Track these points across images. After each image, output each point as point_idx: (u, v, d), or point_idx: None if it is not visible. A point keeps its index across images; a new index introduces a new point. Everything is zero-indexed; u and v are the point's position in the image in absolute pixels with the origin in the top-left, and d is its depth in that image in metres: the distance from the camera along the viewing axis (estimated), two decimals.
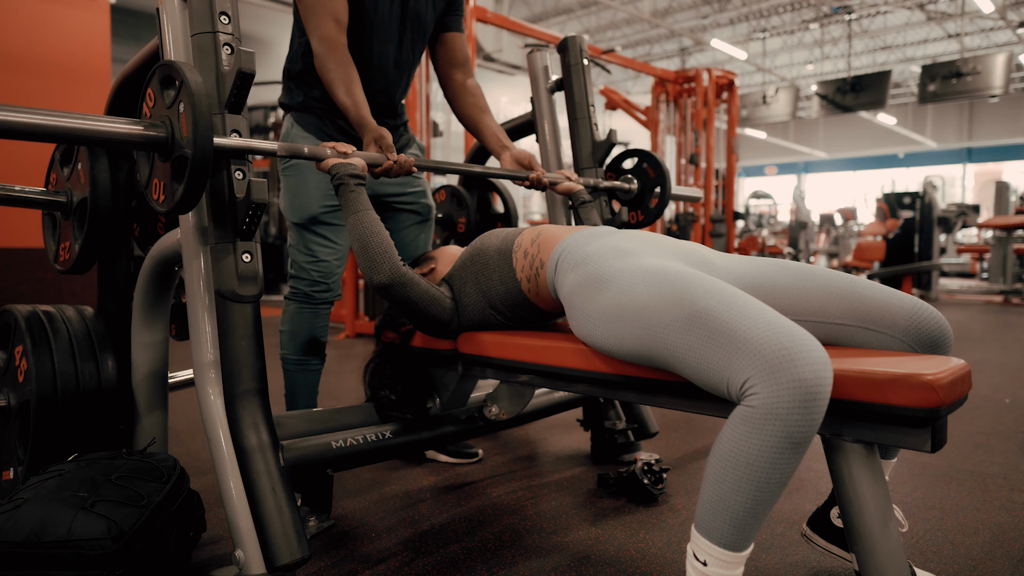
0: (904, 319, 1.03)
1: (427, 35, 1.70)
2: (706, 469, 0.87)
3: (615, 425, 1.96)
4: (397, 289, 1.24)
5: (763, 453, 0.80)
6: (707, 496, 0.86)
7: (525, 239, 1.29)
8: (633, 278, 1.00)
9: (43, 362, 1.35)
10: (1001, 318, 5.68)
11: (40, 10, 3.55)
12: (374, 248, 1.22)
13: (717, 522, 0.85)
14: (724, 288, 0.92)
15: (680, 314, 0.91)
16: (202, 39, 1.14)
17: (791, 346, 0.79)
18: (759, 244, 7.97)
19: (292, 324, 1.67)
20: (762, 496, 0.82)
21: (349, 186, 1.26)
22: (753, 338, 0.82)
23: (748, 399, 0.81)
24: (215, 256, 1.15)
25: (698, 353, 0.88)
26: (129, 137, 1.03)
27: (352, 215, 1.25)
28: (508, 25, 5.27)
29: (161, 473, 1.21)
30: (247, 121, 1.16)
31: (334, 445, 1.36)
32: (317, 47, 1.47)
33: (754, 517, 0.83)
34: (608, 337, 1.02)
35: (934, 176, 12.60)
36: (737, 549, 0.85)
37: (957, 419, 2.41)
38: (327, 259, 1.65)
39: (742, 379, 0.82)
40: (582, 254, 1.13)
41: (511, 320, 1.32)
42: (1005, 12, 12.41)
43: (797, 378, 0.78)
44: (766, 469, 0.80)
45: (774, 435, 0.79)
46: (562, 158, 2.07)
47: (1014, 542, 1.45)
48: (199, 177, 1.02)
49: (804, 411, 0.78)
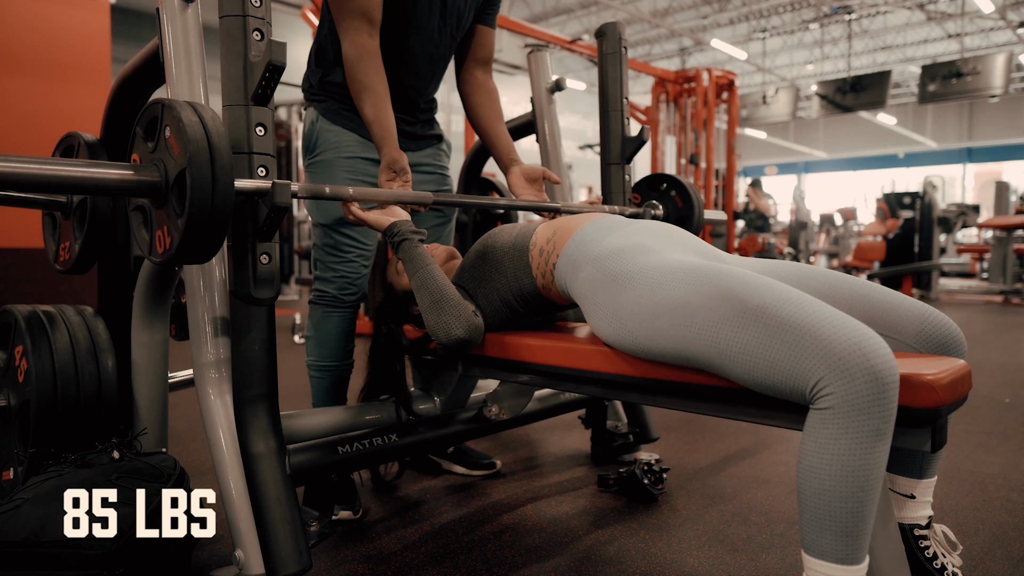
0: (915, 325, 1.02)
1: (463, 31, 1.64)
2: (799, 487, 0.82)
3: (616, 427, 1.96)
4: (474, 339, 1.22)
5: (855, 451, 0.77)
6: (810, 514, 0.81)
7: (541, 236, 1.25)
8: (664, 274, 0.97)
9: (43, 362, 1.35)
10: (1001, 318, 5.68)
11: (40, 10, 3.55)
12: (449, 304, 1.20)
13: (828, 537, 0.80)
14: (773, 283, 0.89)
15: (731, 311, 0.87)
16: (230, 22, 1.08)
17: (861, 340, 0.78)
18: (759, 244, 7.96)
19: (320, 329, 1.60)
20: (866, 496, 0.79)
21: (412, 241, 1.25)
22: (821, 334, 0.79)
23: (823, 399, 0.79)
24: (232, 256, 1.13)
25: (754, 352, 0.85)
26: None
27: (420, 270, 1.23)
28: (508, 25, 5.27)
29: (161, 473, 1.21)
30: (272, 113, 1.11)
31: (340, 451, 1.35)
32: (348, 51, 1.41)
33: (864, 521, 0.80)
34: (637, 336, 0.98)
35: (934, 176, 12.58)
36: (855, 562, 0.80)
37: (957, 419, 2.41)
38: (356, 260, 1.58)
39: (813, 379, 0.79)
40: (598, 249, 1.10)
41: (527, 315, 1.31)
42: (1005, 12, 12.41)
43: (872, 370, 0.76)
44: (863, 466, 0.78)
45: (861, 430, 0.77)
46: (562, 159, 2.07)
47: (1014, 542, 1.45)
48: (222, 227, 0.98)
49: (884, 402, 0.77)
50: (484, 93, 1.70)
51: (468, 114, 1.72)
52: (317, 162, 1.57)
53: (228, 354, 1.19)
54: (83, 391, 1.38)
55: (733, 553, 1.41)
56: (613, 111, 1.82)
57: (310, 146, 1.58)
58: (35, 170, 0.91)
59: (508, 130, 2.05)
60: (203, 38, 1.24)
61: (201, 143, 0.95)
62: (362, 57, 1.40)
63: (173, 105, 0.98)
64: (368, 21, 1.41)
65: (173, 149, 0.97)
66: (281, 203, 1.07)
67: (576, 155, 13.55)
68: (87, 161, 0.97)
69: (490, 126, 1.69)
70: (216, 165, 0.95)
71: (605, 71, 1.82)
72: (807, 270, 1.13)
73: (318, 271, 1.60)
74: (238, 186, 1.03)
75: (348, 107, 1.56)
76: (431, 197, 1.34)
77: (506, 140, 1.68)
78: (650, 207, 1.84)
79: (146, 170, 1.00)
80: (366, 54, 1.40)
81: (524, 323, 1.35)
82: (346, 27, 1.41)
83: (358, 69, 1.40)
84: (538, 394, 1.73)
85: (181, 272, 1.39)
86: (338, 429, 1.41)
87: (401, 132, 1.63)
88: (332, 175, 1.55)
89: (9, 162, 0.90)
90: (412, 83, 1.60)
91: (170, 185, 0.98)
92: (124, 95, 1.52)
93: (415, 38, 1.53)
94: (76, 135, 1.50)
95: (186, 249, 0.98)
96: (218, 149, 0.96)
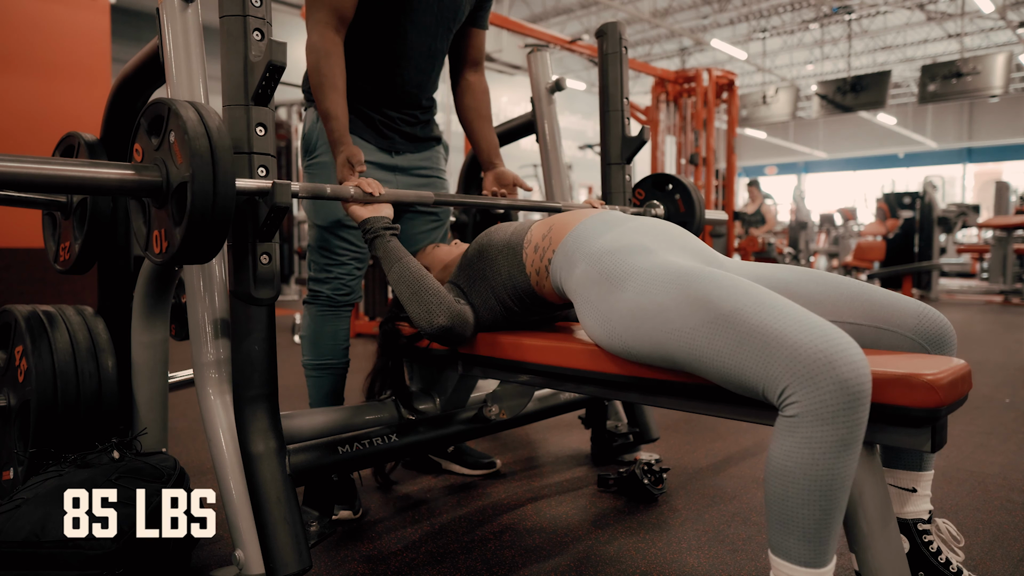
0: (913, 320, 1.03)
1: (460, 23, 1.64)
2: (765, 488, 0.83)
3: (616, 427, 1.96)
4: (458, 327, 1.22)
5: (818, 460, 0.77)
6: (774, 516, 0.81)
7: (536, 233, 1.25)
8: (650, 277, 0.97)
9: (43, 362, 1.35)
10: (1001, 318, 5.68)
11: (40, 10, 3.55)
12: (427, 293, 1.20)
13: (791, 540, 0.80)
14: (750, 287, 0.88)
15: (705, 317, 0.88)
16: (230, 22, 1.08)
17: (828, 348, 0.77)
18: (759, 244, 7.95)
19: (314, 329, 1.61)
20: (829, 504, 0.78)
21: (384, 237, 1.24)
22: (788, 341, 0.79)
23: (789, 407, 0.79)
24: (232, 256, 1.13)
25: (726, 358, 0.85)
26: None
27: (395, 263, 1.23)
28: (508, 25, 5.27)
29: (161, 473, 1.21)
30: (272, 113, 1.12)
31: (339, 451, 1.35)
32: (315, 42, 1.42)
33: (827, 528, 0.79)
34: (624, 338, 0.99)
35: (934, 176, 12.59)
36: (818, 565, 0.80)
37: (957, 419, 2.41)
38: (350, 262, 1.59)
39: (780, 387, 0.79)
40: (595, 246, 1.10)
41: (522, 314, 1.30)
42: (1005, 12, 12.41)
43: (838, 380, 0.75)
44: (825, 476, 0.77)
45: (824, 440, 0.76)
46: (562, 159, 2.07)
47: (1014, 542, 1.45)
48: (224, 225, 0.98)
49: (849, 412, 0.76)
50: (473, 94, 1.72)
51: (458, 115, 1.75)
52: (316, 163, 1.58)
53: (228, 354, 1.19)
54: (83, 391, 1.38)
55: (733, 553, 1.41)
56: (613, 111, 1.82)
57: (309, 147, 1.59)
58: (35, 170, 0.91)
59: (508, 130, 2.04)
60: (203, 38, 1.24)
61: (205, 156, 0.95)
62: (330, 52, 1.41)
63: (175, 104, 0.98)
64: (339, 18, 1.42)
65: (176, 156, 0.97)
66: (281, 203, 1.07)
67: (576, 155, 13.55)
68: (87, 161, 0.97)
69: (474, 124, 1.72)
70: (218, 169, 0.96)
71: (605, 71, 1.82)
72: (805, 273, 1.13)
73: (313, 272, 1.62)
74: (239, 186, 1.04)
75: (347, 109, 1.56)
76: (432, 197, 1.34)
77: (489, 141, 1.71)
78: (651, 206, 1.84)
79: (147, 170, 1.00)
80: (334, 49, 1.42)
81: (521, 323, 1.34)
82: (316, 19, 1.42)
83: (324, 63, 1.41)
84: (538, 394, 1.73)
85: (181, 272, 1.39)
86: (338, 429, 1.41)
87: (402, 133, 1.63)
88: (331, 176, 1.55)
89: (9, 162, 0.90)
90: (412, 76, 1.60)
91: (171, 185, 0.99)
92: (124, 95, 1.52)
93: (413, 32, 1.54)
94: (76, 135, 1.50)
95: (187, 249, 0.98)
96: (219, 148, 0.96)
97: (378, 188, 1.28)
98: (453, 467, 1.92)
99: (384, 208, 1.28)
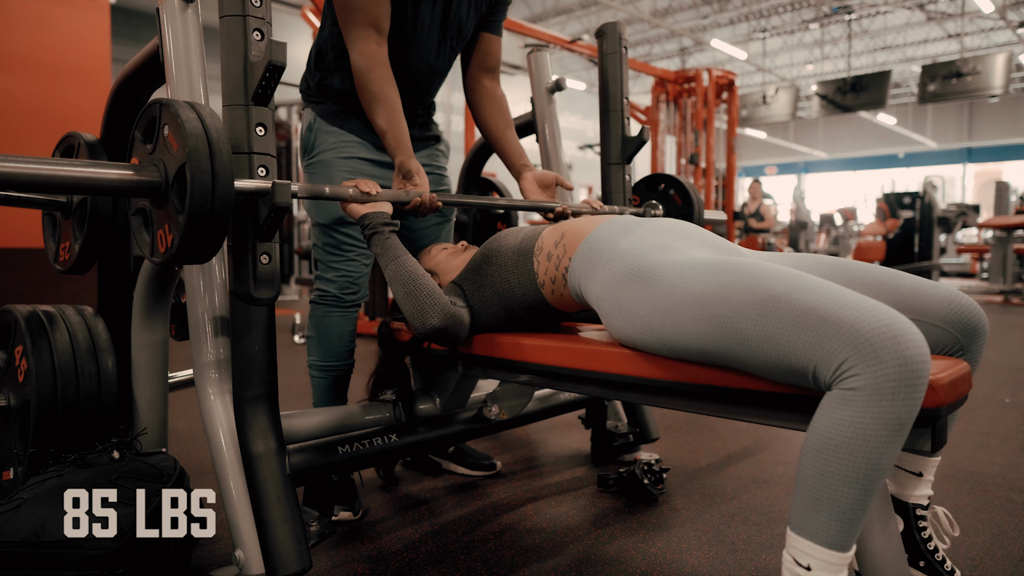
0: (943, 308, 1.01)
1: (465, 41, 1.63)
2: (801, 464, 0.80)
3: (616, 427, 1.96)
4: (452, 329, 1.21)
5: (870, 437, 0.74)
6: (807, 492, 0.79)
7: (548, 240, 1.23)
8: (684, 269, 0.96)
9: (43, 362, 1.35)
10: (1001, 318, 5.68)
11: (40, 10, 3.55)
12: (422, 293, 1.19)
13: (821, 519, 0.77)
14: (793, 272, 0.87)
15: (752, 299, 0.86)
16: (230, 22, 1.08)
17: (892, 324, 0.75)
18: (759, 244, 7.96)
19: (321, 329, 1.59)
20: (870, 485, 0.76)
21: (383, 234, 1.23)
22: (848, 318, 0.77)
23: (846, 381, 0.76)
24: (232, 256, 1.13)
25: (775, 338, 0.82)
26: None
27: (392, 262, 1.22)
28: (508, 25, 5.27)
29: (161, 473, 1.21)
30: (272, 113, 1.11)
31: (340, 451, 1.35)
32: (357, 61, 1.39)
33: (862, 511, 0.77)
34: (661, 332, 0.97)
35: (934, 176, 12.58)
36: (843, 549, 0.78)
37: (957, 419, 2.41)
38: (357, 258, 1.58)
39: (836, 361, 0.77)
40: (615, 249, 1.08)
41: (527, 321, 1.30)
42: (1005, 12, 12.41)
43: (903, 356, 0.73)
44: (874, 455, 0.75)
45: (881, 416, 0.74)
46: (562, 159, 2.07)
47: (1014, 542, 1.45)
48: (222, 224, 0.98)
49: (911, 390, 0.74)
50: (492, 101, 1.68)
51: (477, 122, 1.71)
52: (316, 162, 1.57)
53: (228, 354, 1.19)
54: (83, 391, 1.38)
55: (733, 553, 1.41)
56: (613, 111, 1.81)
57: (308, 147, 1.59)
58: (35, 170, 0.91)
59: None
60: (203, 38, 1.24)
61: (200, 138, 0.95)
62: (372, 67, 1.38)
63: (171, 103, 0.98)
64: (377, 30, 1.39)
65: (172, 147, 0.97)
66: (281, 203, 1.07)
67: (576, 155, 13.55)
68: (87, 161, 0.97)
69: (500, 134, 1.68)
70: (215, 160, 0.95)
71: (605, 71, 1.82)
72: (829, 260, 1.11)
73: (319, 271, 1.60)
74: (238, 186, 1.03)
75: (346, 109, 1.56)
76: (436, 198, 1.34)
77: (517, 147, 1.67)
78: (650, 207, 1.84)
79: (146, 170, 1.00)
80: (376, 64, 1.39)
81: (524, 325, 1.34)
82: (355, 36, 1.39)
83: (368, 79, 1.39)
84: (538, 394, 1.73)
85: (181, 272, 1.39)
86: (338, 429, 1.41)
87: None
88: (331, 175, 1.55)
89: (9, 162, 0.89)
90: (410, 93, 1.59)
91: (170, 184, 0.98)
92: (124, 95, 1.52)
93: (415, 51, 1.53)
94: (76, 135, 1.49)
95: (186, 249, 0.98)
96: (217, 144, 0.96)
97: (375, 188, 1.27)
98: (453, 467, 1.92)
99: (382, 205, 1.28)
